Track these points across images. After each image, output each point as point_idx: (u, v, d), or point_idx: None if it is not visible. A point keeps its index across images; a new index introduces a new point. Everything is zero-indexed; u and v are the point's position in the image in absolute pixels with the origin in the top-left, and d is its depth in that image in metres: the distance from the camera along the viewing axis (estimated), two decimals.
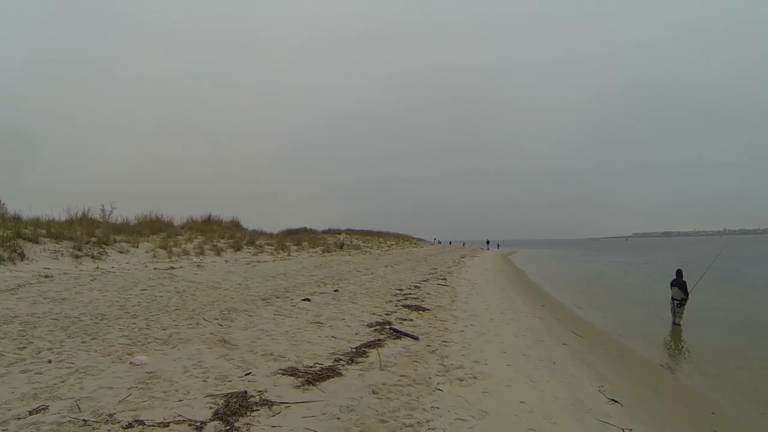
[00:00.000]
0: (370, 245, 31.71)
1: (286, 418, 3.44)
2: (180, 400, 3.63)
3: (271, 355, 5.02)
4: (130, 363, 4.34)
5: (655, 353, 8.31)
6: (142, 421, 3.23)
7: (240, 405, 3.60)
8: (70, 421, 3.17)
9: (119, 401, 3.54)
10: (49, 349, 4.62)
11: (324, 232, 35.53)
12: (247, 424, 3.28)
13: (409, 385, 4.44)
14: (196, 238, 15.64)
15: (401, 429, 3.41)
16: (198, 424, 3.23)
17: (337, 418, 3.49)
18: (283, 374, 4.41)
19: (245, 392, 3.89)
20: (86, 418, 3.22)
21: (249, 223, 21.99)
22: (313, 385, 4.21)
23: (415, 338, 6.46)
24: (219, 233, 17.94)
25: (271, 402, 3.71)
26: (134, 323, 5.71)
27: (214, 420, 3.31)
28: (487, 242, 64.80)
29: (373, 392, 4.13)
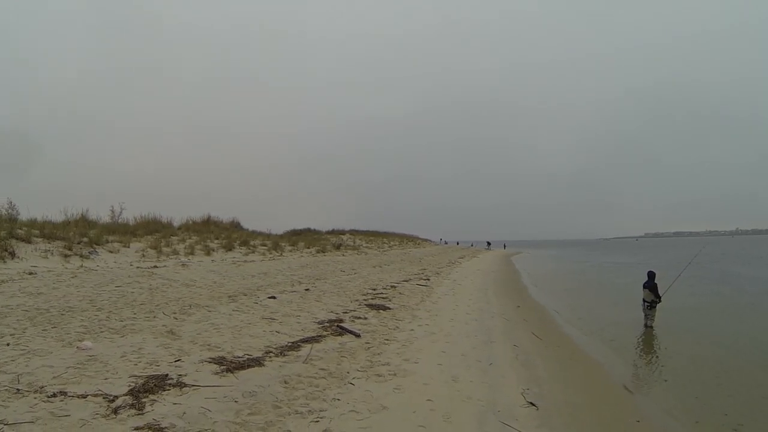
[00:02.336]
0: (370, 246, 32.23)
1: (190, 398, 3.96)
2: (106, 379, 4.19)
3: (209, 345, 5.56)
4: (77, 348, 4.94)
5: (612, 357, 8.21)
6: (65, 392, 3.81)
7: (155, 385, 4.15)
8: (6, 389, 3.77)
9: (54, 377, 4.13)
10: (11, 334, 5.26)
11: (328, 232, 36.13)
12: (153, 400, 3.82)
13: (323, 378, 4.86)
14: (190, 238, 16.41)
15: (290, 415, 3.85)
16: (111, 397, 3.79)
17: (235, 401, 3.98)
18: (210, 362, 4.94)
19: (166, 375, 4.43)
20: (20, 388, 3.81)
21: (257, 224, 22.85)
22: (231, 372, 4.73)
23: (357, 335, 6.93)
24: (216, 234, 18.73)
25: (184, 384, 4.24)
26: (97, 315, 6.35)
27: (126, 395, 3.87)
28: (488, 243, 64.84)
29: (284, 382, 4.60)
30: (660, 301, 10.19)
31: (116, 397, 3.80)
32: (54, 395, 3.72)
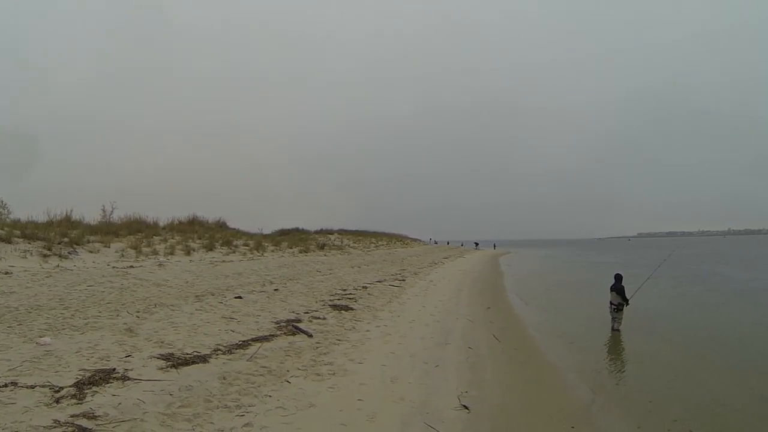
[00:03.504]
0: (356, 246, 32.72)
1: (129, 390, 4.43)
2: (56, 372, 4.67)
3: (162, 343, 6.04)
4: (36, 343, 5.42)
5: (569, 360, 8.11)
6: (16, 383, 4.28)
7: (101, 378, 4.62)
8: None
9: (9, 369, 4.60)
10: None
11: (316, 232, 36.56)
12: (95, 391, 4.29)
13: (261, 375, 5.28)
14: (173, 238, 16.87)
15: (218, 409, 4.28)
16: (57, 388, 4.27)
17: (170, 395, 4.46)
18: (158, 359, 5.41)
19: (113, 369, 4.91)
20: None
21: (255, 223, 23.31)
22: (175, 368, 5.21)
23: (309, 335, 7.40)
24: (200, 234, 19.18)
25: (128, 378, 4.72)
26: (63, 313, 6.81)
27: (71, 387, 4.35)
28: (476, 244, 65.97)
29: (222, 378, 5.06)
30: (628, 304, 10.12)
31: (62, 388, 4.28)
32: (5, 385, 4.19)
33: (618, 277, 10.25)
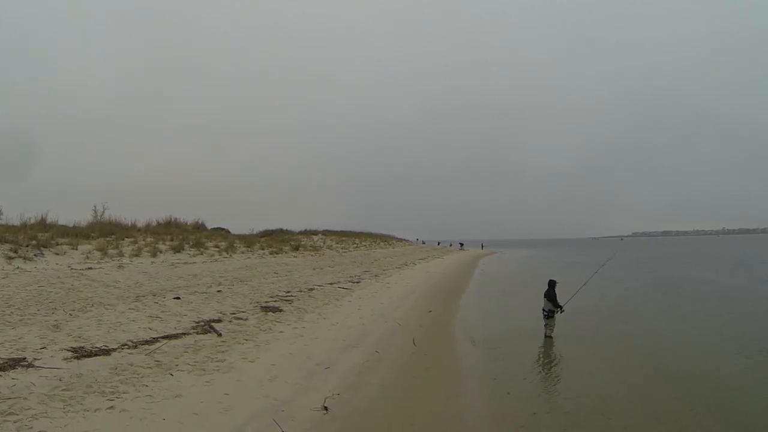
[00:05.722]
0: (337, 247, 33.83)
1: (28, 375, 5.55)
2: None
3: (80, 337, 7.17)
4: None
5: (479, 369, 8.13)
6: None
7: (8, 365, 5.77)
8: None
9: None
10: None
11: (300, 232, 37.59)
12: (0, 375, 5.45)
13: (150, 368, 6.29)
14: (144, 240, 18.08)
15: (94, 393, 5.26)
16: None
17: (60, 380, 5.56)
18: (68, 351, 6.54)
19: (23, 358, 6.05)
20: None
21: (249, 224, 24.47)
22: (78, 359, 6.35)
23: (219, 334, 8.51)
24: (175, 235, 20.37)
25: (32, 366, 5.87)
26: (3, 311, 7.96)
27: None
28: (461, 244, 67.48)
29: (114, 368, 6.16)
30: (561, 310, 10.04)
31: None
32: None
33: (551, 283, 10.26)
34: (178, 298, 10.72)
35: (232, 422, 5.10)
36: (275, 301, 12.13)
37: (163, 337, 7.77)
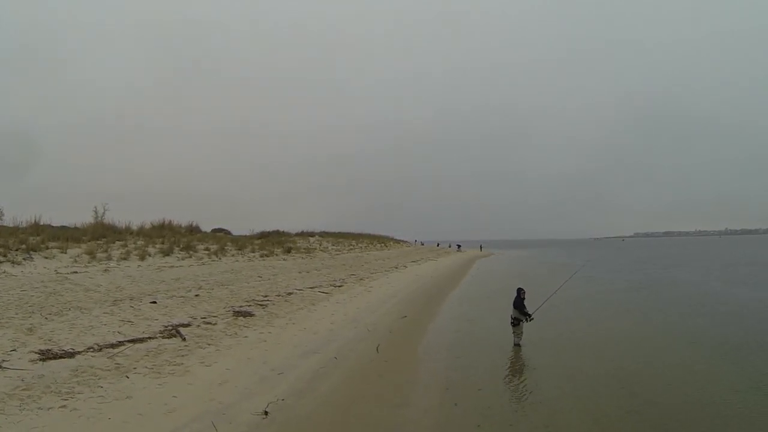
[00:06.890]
0: (332, 248, 34.39)
1: None
2: None
3: (50, 340, 7.74)
4: None
5: (439, 379, 8.07)
6: None
7: None
8: None
9: None
10: None
11: (297, 234, 38.22)
12: None
13: (108, 370, 6.80)
14: (134, 243, 18.75)
15: (51, 393, 5.78)
16: None
17: (22, 380, 6.13)
18: (36, 353, 7.11)
19: None
20: None
21: (249, 225, 25.35)
22: (44, 361, 6.92)
23: (183, 339, 9.06)
24: (167, 238, 21.04)
25: (0, 366, 6.45)
26: None
27: None
28: (458, 246, 67.95)
29: (74, 370, 6.72)
30: (530, 318, 10.12)
31: None
32: None
33: (519, 291, 10.42)
34: (155, 302, 11.28)
35: (173, 423, 5.48)
36: (249, 305, 12.62)
37: (129, 341, 8.31)
